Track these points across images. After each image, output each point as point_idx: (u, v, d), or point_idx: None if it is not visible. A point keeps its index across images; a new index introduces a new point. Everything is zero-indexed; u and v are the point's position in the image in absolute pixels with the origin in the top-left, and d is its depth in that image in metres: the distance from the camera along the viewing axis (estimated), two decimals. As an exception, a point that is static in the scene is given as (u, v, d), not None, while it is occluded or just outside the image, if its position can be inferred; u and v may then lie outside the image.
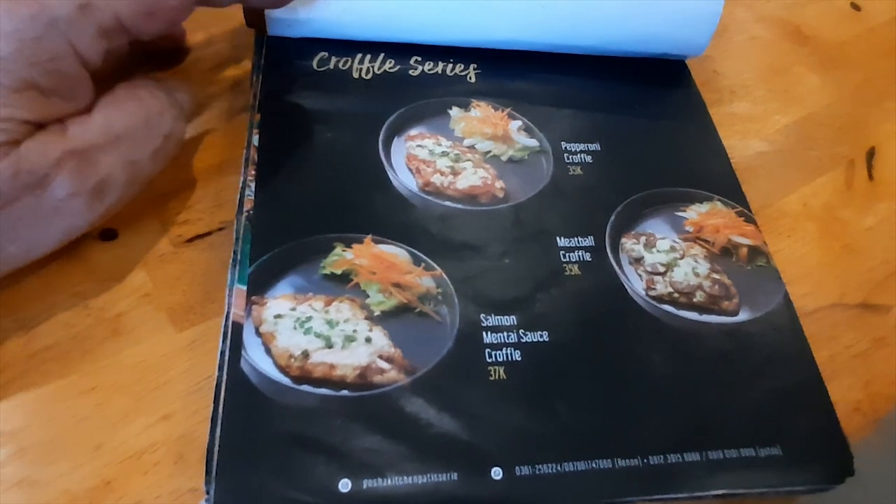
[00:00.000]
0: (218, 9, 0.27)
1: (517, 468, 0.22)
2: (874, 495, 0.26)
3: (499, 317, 0.26)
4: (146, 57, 0.31)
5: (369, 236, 0.27)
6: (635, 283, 0.27)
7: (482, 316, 0.25)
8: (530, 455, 0.23)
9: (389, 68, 0.33)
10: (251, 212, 0.27)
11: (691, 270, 0.28)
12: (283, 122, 0.30)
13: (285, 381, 0.23)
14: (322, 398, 0.23)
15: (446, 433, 0.23)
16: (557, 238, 0.28)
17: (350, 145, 0.30)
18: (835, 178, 0.34)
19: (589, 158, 0.31)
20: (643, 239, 0.29)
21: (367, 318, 0.25)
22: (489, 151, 0.31)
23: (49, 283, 0.26)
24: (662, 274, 0.28)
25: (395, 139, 0.30)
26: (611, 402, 0.24)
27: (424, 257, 0.27)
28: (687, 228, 0.29)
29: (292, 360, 0.23)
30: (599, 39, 0.33)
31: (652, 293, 0.27)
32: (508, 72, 0.34)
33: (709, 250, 0.29)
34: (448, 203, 0.29)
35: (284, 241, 0.26)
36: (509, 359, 0.25)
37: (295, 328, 0.24)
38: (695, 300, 0.27)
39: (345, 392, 0.23)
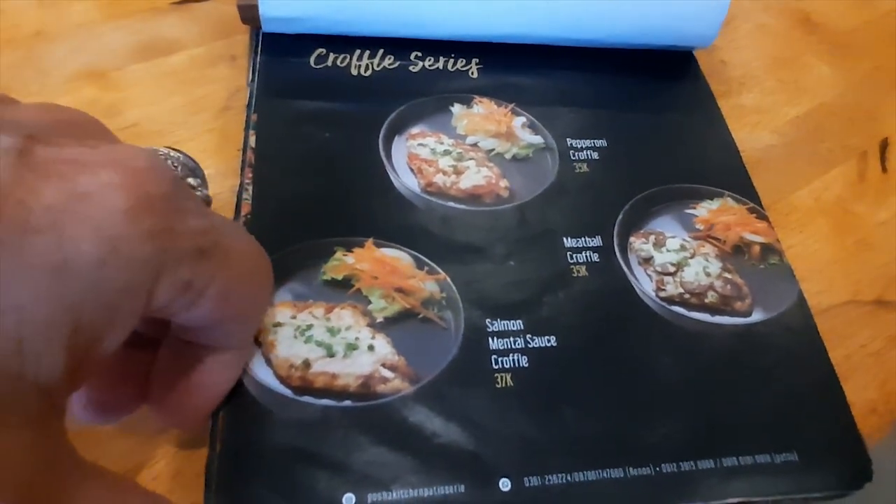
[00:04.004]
0: (207, 5, 0.25)
1: (526, 479, 0.22)
2: (892, 499, 0.25)
3: (505, 321, 0.25)
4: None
5: (370, 240, 0.26)
6: (645, 284, 0.27)
7: (487, 321, 0.25)
8: (539, 465, 0.22)
9: (389, 64, 0.32)
10: (248, 216, 0.26)
11: (702, 270, 0.27)
12: (280, 123, 0.29)
13: (286, 392, 0.22)
14: (324, 409, 0.22)
15: (452, 443, 0.22)
16: (564, 238, 0.27)
17: (349, 145, 0.29)
18: (847, 170, 0.34)
19: (595, 155, 0.30)
20: (652, 238, 0.28)
21: (369, 325, 0.24)
22: (493, 149, 0.30)
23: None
24: (673, 274, 0.27)
25: (396, 138, 0.30)
26: (621, 408, 0.24)
27: (427, 261, 0.26)
28: (697, 226, 0.29)
29: (293, 370, 0.23)
30: (605, 32, 0.32)
31: (662, 294, 0.26)
32: (511, 66, 0.33)
33: (720, 249, 0.28)
34: (451, 204, 0.28)
35: (283, 246, 0.25)
36: (516, 365, 0.24)
37: (295, 337, 0.23)
38: (706, 301, 0.26)
39: (347, 402, 0.22)
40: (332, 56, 0.32)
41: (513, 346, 0.24)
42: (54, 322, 0.14)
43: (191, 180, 0.24)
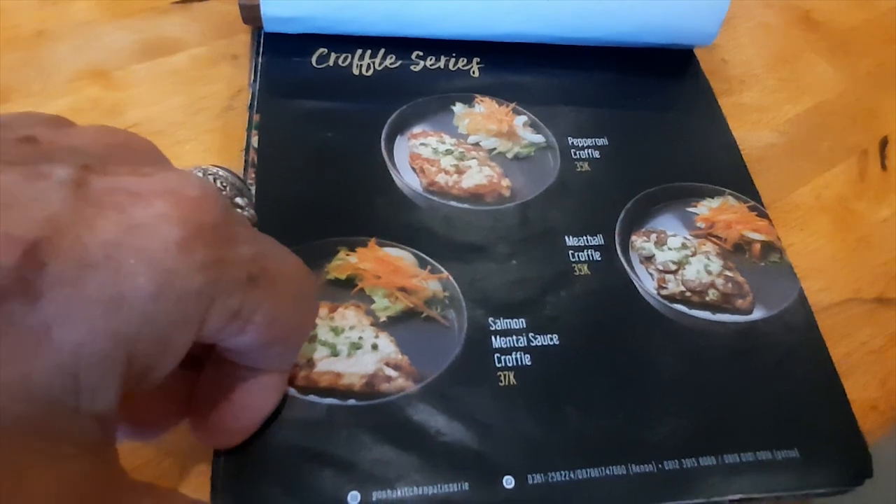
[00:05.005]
0: (208, 4, 0.25)
1: (529, 476, 0.22)
2: (892, 495, 0.26)
3: (507, 320, 0.25)
4: None
5: (373, 239, 0.26)
6: (646, 283, 0.27)
7: (490, 319, 0.25)
8: (542, 463, 0.22)
9: (390, 64, 0.32)
10: (252, 216, 0.26)
11: (703, 268, 0.27)
12: (283, 123, 0.29)
13: (291, 391, 0.22)
14: (329, 408, 0.22)
15: (456, 442, 0.22)
16: (566, 237, 0.27)
17: (352, 145, 0.29)
18: (848, 168, 0.34)
19: (596, 154, 0.30)
20: (654, 236, 0.28)
21: (372, 325, 0.24)
22: (494, 148, 0.30)
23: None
24: (674, 272, 0.27)
25: (398, 137, 0.30)
26: (623, 406, 0.24)
27: (430, 260, 0.26)
28: (698, 224, 0.29)
29: (297, 369, 0.23)
30: (606, 31, 0.32)
31: (663, 292, 0.26)
32: (512, 66, 0.33)
33: (721, 247, 0.28)
34: (453, 203, 0.28)
35: (286, 246, 0.26)
36: (519, 363, 0.24)
37: (299, 336, 0.24)
38: (707, 299, 0.27)
39: (352, 401, 0.23)
40: (333, 56, 0.32)
41: (516, 345, 0.24)
42: (110, 356, 0.14)
43: (239, 199, 0.24)
